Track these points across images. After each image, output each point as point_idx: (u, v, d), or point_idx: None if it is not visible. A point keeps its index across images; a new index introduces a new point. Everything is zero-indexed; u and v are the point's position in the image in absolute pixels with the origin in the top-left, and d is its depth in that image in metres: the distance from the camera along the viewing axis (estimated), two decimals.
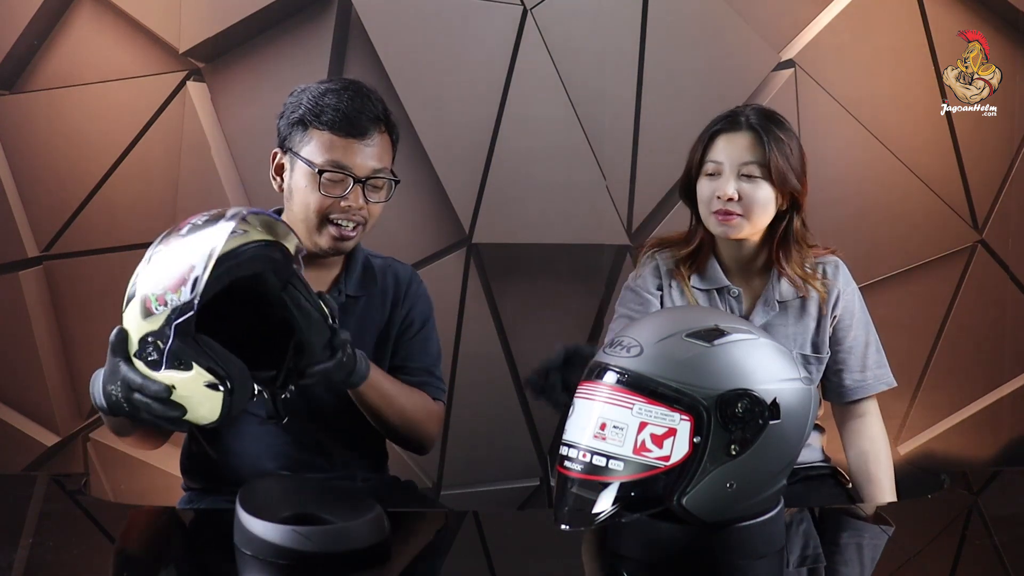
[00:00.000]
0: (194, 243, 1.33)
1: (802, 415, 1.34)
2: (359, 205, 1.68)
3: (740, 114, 1.87)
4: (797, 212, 1.88)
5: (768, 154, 1.81)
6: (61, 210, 2.73)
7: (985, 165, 2.91)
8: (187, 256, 1.31)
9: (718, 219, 1.84)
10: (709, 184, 1.85)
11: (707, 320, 1.36)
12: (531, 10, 2.72)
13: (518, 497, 2.84)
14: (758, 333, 1.37)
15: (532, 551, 1.53)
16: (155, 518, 1.72)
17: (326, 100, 1.67)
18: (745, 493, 1.31)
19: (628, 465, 1.28)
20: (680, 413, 1.28)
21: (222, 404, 1.35)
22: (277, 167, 1.73)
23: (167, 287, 1.31)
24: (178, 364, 1.33)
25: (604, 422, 1.30)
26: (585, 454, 1.31)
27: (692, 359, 1.31)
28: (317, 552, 1.32)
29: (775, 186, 1.82)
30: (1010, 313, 2.94)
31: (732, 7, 2.76)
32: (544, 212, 2.77)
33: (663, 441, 1.28)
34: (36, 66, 2.69)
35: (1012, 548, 1.49)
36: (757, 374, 1.31)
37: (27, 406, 2.77)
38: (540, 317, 2.81)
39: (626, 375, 1.31)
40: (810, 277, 1.90)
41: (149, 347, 1.34)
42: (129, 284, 1.38)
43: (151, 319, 1.32)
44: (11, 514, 1.63)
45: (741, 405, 1.29)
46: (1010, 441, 2.95)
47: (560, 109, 2.75)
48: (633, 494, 1.28)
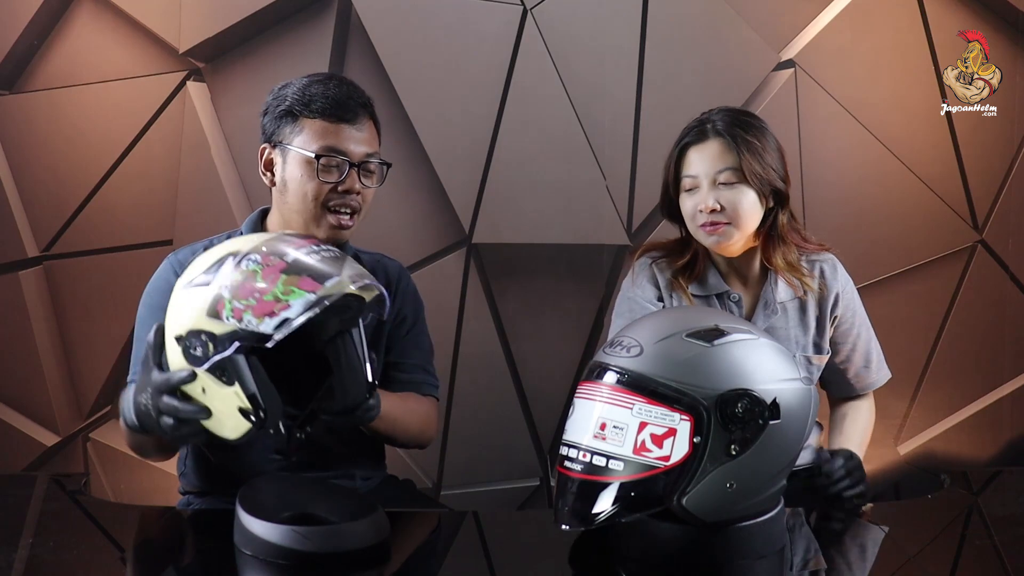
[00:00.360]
0: (304, 278, 1.27)
1: (802, 415, 1.34)
2: (356, 189, 1.69)
3: (706, 122, 1.85)
4: (782, 208, 1.86)
5: (740, 158, 1.79)
6: (61, 210, 2.73)
7: (985, 165, 2.90)
8: (288, 288, 1.26)
9: (706, 231, 1.82)
10: (690, 199, 1.83)
11: (707, 320, 1.36)
12: (531, 10, 2.72)
13: (518, 497, 2.84)
14: (758, 333, 1.37)
15: (532, 551, 1.53)
16: (155, 518, 1.72)
17: (313, 90, 1.68)
18: (745, 493, 1.31)
19: (628, 465, 1.28)
20: (680, 413, 1.28)
21: (245, 432, 1.33)
22: (267, 163, 1.73)
23: (251, 306, 1.26)
24: (220, 375, 1.29)
25: (604, 422, 1.31)
26: (585, 454, 1.31)
27: (692, 359, 1.31)
28: (317, 552, 1.32)
29: (754, 188, 1.81)
30: (1010, 313, 2.94)
31: (732, 7, 2.76)
32: (544, 212, 2.77)
33: (663, 441, 1.28)
34: (36, 66, 2.69)
35: (1012, 548, 1.49)
36: (757, 374, 1.31)
37: (27, 406, 2.77)
38: (540, 317, 2.81)
39: (626, 375, 1.31)
40: (797, 270, 1.89)
41: (198, 342, 1.29)
42: (205, 259, 1.32)
43: (215, 322, 1.28)
44: (11, 514, 1.63)
45: (741, 405, 1.29)
46: (1010, 441, 2.95)
47: (560, 109, 2.75)
48: (633, 494, 1.28)
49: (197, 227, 2.63)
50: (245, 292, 1.28)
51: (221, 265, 1.32)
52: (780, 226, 1.87)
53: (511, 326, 2.81)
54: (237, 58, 2.70)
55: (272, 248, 1.33)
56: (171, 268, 1.72)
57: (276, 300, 1.26)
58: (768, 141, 1.84)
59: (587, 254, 2.80)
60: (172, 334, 1.33)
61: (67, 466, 2.77)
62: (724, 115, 1.85)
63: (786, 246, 1.89)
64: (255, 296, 1.27)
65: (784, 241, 1.88)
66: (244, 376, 1.29)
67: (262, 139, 1.74)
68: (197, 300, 1.30)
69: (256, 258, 1.31)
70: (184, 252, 1.75)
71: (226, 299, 1.28)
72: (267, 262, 1.30)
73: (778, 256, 1.88)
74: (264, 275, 1.29)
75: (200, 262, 1.38)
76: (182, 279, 1.38)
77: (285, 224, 1.72)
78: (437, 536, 1.58)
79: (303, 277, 1.29)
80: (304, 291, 1.28)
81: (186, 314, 1.31)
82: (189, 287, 1.33)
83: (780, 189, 1.84)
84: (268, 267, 1.30)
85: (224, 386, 1.29)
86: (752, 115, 1.88)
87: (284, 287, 1.28)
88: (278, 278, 1.29)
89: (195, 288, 1.32)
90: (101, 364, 2.74)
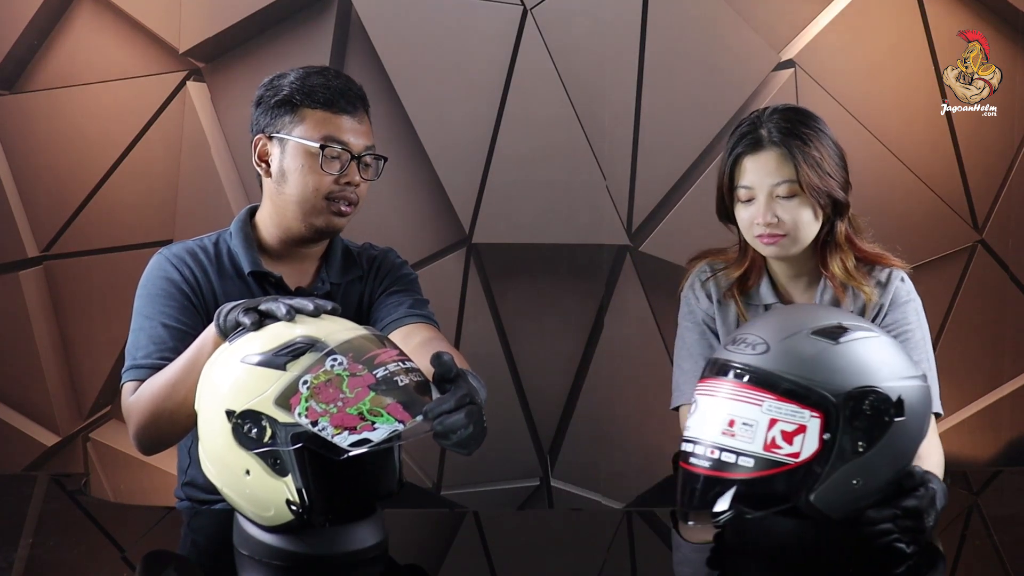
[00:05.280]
0: (394, 403, 1.22)
1: (922, 413, 1.36)
2: (356, 181, 1.69)
3: (760, 127, 1.76)
4: (840, 217, 1.79)
5: (798, 170, 1.72)
6: (61, 210, 2.73)
7: (985, 165, 2.90)
8: (376, 408, 1.22)
9: (764, 242, 1.75)
10: (746, 210, 1.76)
11: (830, 318, 1.38)
12: (531, 10, 2.72)
13: (518, 497, 2.84)
14: (879, 331, 1.39)
15: (532, 551, 1.53)
16: (155, 518, 1.72)
17: (313, 80, 1.68)
18: (868, 490, 1.33)
19: (758, 462, 1.29)
20: (810, 410, 1.29)
21: (284, 524, 1.29)
22: (261, 153, 1.71)
23: (331, 413, 1.21)
24: (272, 462, 1.26)
25: (733, 419, 1.31)
26: (713, 451, 1.31)
27: (819, 356, 1.32)
28: (316, 553, 1.32)
29: (812, 199, 1.73)
30: (1010, 313, 2.94)
31: (732, 7, 2.76)
32: (544, 212, 2.77)
33: (793, 438, 1.29)
34: (36, 66, 2.69)
35: (1012, 548, 1.49)
36: (882, 371, 1.33)
37: (27, 406, 2.77)
38: (540, 317, 2.81)
39: (754, 372, 1.32)
40: (854, 278, 1.80)
41: (255, 425, 1.25)
42: (268, 337, 1.27)
43: (282, 411, 1.23)
44: (11, 514, 1.63)
45: (868, 402, 1.30)
46: (1010, 441, 2.95)
47: (560, 109, 2.75)
48: (761, 491, 1.29)
49: (197, 227, 2.62)
50: (327, 397, 1.23)
51: (296, 352, 1.27)
52: (837, 234, 1.79)
53: (511, 326, 2.81)
54: (237, 58, 2.70)
55: (359, 354, 1.27)
56: (167, 262, 1.69)
57: (361, 417, 1.22)
58: (826, 148, 1.76)
59: (587, 254, 2.80)
60: (222, 406, 1.28)
61: (67, 466, 2.77)
62: (780, 120, 1.76)
63: (844, 253, 1.81)
64: (337, 404, 1.22)
65: (842, 249, 1.80)
66: (297, 469, 1.25)
67: (254, 130, 1.72)
68: (263, 382, 1.25)
69: (343, 362, 1.25)
70: (176, 247, 1.73)
71: (303, 395, 1.23)
72: (354, 371, 1.25)
73: (835, 263, 1.80)
74: (351, 385, 1.23)
75: (259, 339, 1.31)
76: (235, 352, 1.32)
77: (279, 216, 1.70)
78: (437, 536, 1.58)
79: (393, 402, 1.24)
80: (392, 417, 1.22)
81: (247, 392, 1.26)
82: (248, 363, 1.28)
83: (839, 199, 1.76)
84: (355, 376, 1.24)
85: (275, 477, 1.26)
86: (809, 116, 1.79)
87: (372, 406, 1.22)
88: (366, 394, 1.23)
89: (259, 368, 1.27)
90: (101, 364, 2.74)
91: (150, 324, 1.65)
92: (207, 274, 1.70)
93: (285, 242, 1.73)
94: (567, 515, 2.25)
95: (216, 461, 1.33)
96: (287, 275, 1.74)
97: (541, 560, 1.48)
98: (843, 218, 1.79)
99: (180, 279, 1.68)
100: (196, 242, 1.75)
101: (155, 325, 1.64)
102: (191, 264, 1.70)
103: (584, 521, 1.86)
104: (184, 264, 1.70)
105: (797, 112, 1.80)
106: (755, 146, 1.75)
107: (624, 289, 2.80)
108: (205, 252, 1.73)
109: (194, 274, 1.69)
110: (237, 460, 1.28)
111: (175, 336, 1.62)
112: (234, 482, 1.30)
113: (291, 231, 1.71)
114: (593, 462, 2.83)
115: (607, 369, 2.80)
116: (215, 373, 1.33)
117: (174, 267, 1.69)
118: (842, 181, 1.78)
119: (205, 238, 1.77)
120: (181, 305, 1.66)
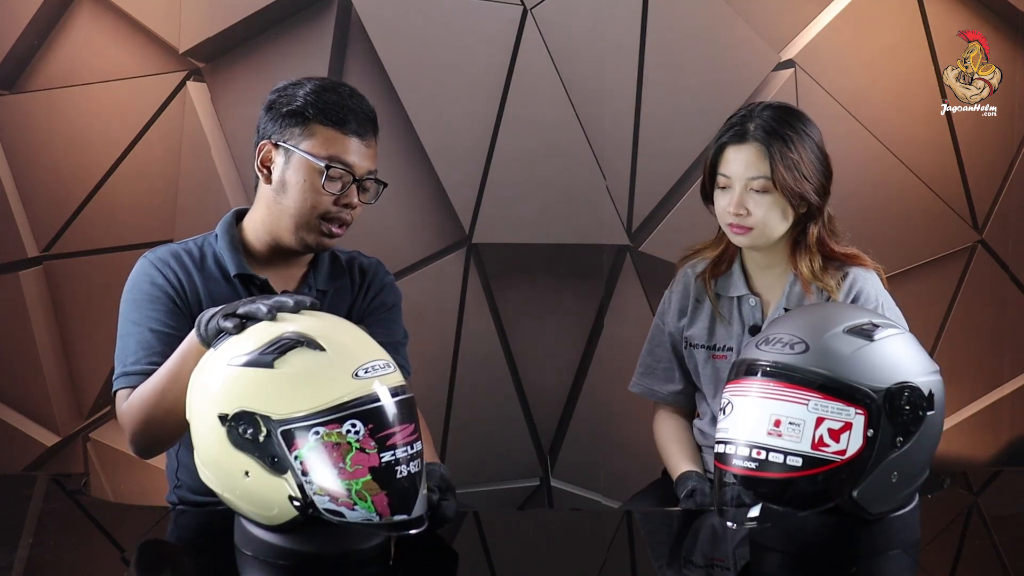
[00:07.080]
0: (382, 495, 1.25)
1: (943, 406, 1.41)
2: (354, 204, 1.68)
3: (749, 121, 1.81)
4: (812, 220, 1.84)
5: (773, 168, 1.77)
6: (61, 210, 2.72)
7: (985, 165, 2.90)
8: (365, 494, 1.24)
9: (732, 231, 1.83)
10: (722, 197, 1.83)
11: (857, 316, 1.41)
12: (531, 10, 2.72)
13: (518, 497, 2.84)
14: (902, 328, 1.43)
15: (532, 551, 1.53)
16: (155, 518, 1.72)
17: (329, 97, 1.66)
18: (904, 484, 1.36)
19: (806, 461, 1.30)
20: (855, 407, 1.31)
21: (288, 522, 1.29)
22: (264, 159, 1.69)
23: (325, 475, 1.24)
24: (272, 462, 1.26)
25: (778, 419, 1.32)
26: (759, 452, 1.32)
27: (858, 354, 1.35)
28: (317, 552, 1.32)
29: (784, 198, 1.79)
30: (1010, 313, 2.94)
31: (732, 7, 2.76)
32: (544, 212, 2.77)
33: (840, 436, 1.31)
34: (36, 66, 2.69)
35: (1012, 548, 1.49)
36: (915, 367, 1.38)
37: (27, 406, 2.77)
38: (540, 317, 2.81)
39: (796, 372, 1.33)
40: (819, 279, 1.85)
41: (249, 425, 1.26)
42: (252, 337, 1.29)
43: (296, 430, 1.25)
44: (11, 514, 1.63)
45: (906, 397, 1.33)
46: (1010, 441, 2.95)
47: (560, 109, 2.75)
48: (808, 489, 1.30)
49: (197, 227, 2.60)
50: (328, 459, 1.24)
51: (283, 348, 1.28)
52: (808, 236, 1.85)
53: (511, 326, 2.81)
54: (237, 58, 2.70)
55: (379, 427, 1.26)
56: (151, 266, 1.69)
57: (347, 493, 1.24)
58: (807, 151, 1.81)
59: (587, 254, 2.80)
60: (214, 411, 1.28)
61: (67, 466, 2.76)
62: (768, 118, 1.81)
63: (812, 255, 1.86)
64: (333, 471, 1.24)
65: (811, 250, 1.85)
66: (296, 465, 1.25)
67: (260, 134, 1.70)
68: (252, 382, 1.27)
69: (360, 432, 1.25)
70: (161, 251, 1.72)
71: (309, 443, 1.24)
72: (365, 446, 1.25)
73: (803, 263, 1.86)
74: (355, 460, 1.24)
75: (243, 341, 1.32)
76: (221, 356, 1.33)
77: (272, 223, 1.69)
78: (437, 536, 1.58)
79: (382, 494, 1.25)
80: (374, 507, 1.25)
81: (238, 394, 1.27)
82: (235, 365, 1.29)
83: (812, 203, 1.82)
84: (363, 453, 1.24)
85: (275, 474, 1.26)
86: (798, 119, 1.84)
87: (363, 488, 1.24)
88: (363, 475, 1.24)
89: (247, 369, 1.28)
90: (101, 364, 2.74)
91: (137, 330, 1.64)
92: (192, 277, 1.69)
93: (272, 248, 1.73)
94: (567, 515, 2.25)
95: (214, 467, 1.33)
96: (273, 279, 1.73)
97: (541, 560, 1.48)
98: (816, 221, 1.85)
99: (165, 283, 1.67)
100: (181, 245, 1.75)
101: (142, 331, 1.64)
102: (175, 267, 1.69)
103: (584, 521, 1.86)
104: (168, 267, 1.69)
105: (788, 112, 1.85)
106: (739, 138, 1.81)
107: (624, 289, 2.80)
108: (190, 255, 1.72)
109: (179, 277, 1.68)
110: (235, 463, 1.28)
111: (163, 340, 1.62)
112: (234, 485, 1.30)
113: (280, 240, 1.70)
114: (593, 462, 2.83)
115: (607, 369, 2.80)
116: (203, 380, 1.33)
117: (159, 271, 1.68)
118: (818, 185, 1.83)
119: (190, 241, 1.76)
120: (168, 309, 1.65)
